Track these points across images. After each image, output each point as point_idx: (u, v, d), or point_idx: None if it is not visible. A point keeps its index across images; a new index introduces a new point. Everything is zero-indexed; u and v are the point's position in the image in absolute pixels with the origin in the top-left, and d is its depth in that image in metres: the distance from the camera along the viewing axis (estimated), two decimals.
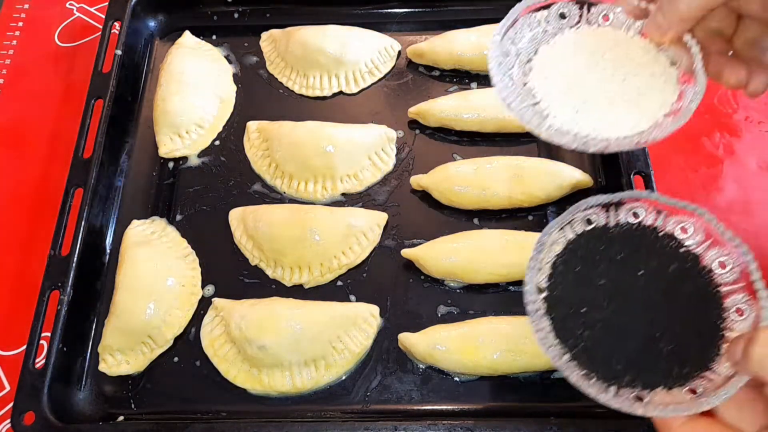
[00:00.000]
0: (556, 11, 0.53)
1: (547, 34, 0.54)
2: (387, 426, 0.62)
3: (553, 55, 0.53)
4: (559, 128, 0.50)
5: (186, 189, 0.80)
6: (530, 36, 0.54)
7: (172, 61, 0.85)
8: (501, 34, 0.52)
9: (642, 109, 0.49)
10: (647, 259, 0.47)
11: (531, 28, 0.54)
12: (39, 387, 0.64)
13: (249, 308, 0.69)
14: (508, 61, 0.53)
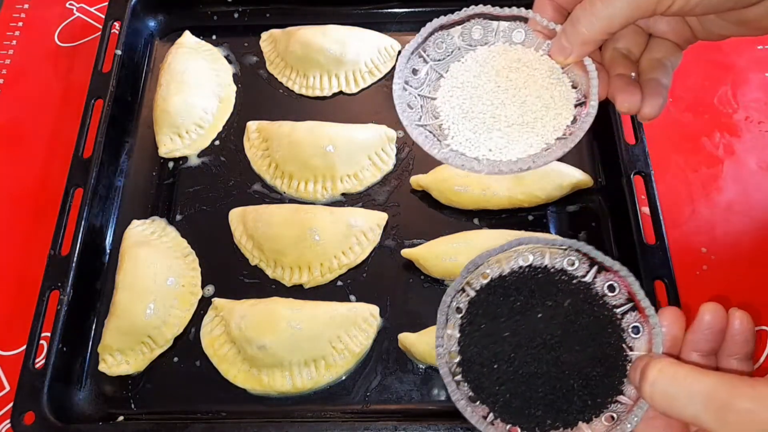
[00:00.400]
0: (470, 27, 0.54)
1: (460, 51, 0.54)
2: (387, 426, 0.62)
3: (462, 73, 0.53)
4: (455, 150, 0.50)
5: (186, 189, 0.80)
6: (443, 52, 0.54)
7: (172, 61, 0.85)
8: (411, 50, 0.53)
9: (536, 131, 0.50)
10: (543, 300, 0.47)
11: (445, 44, 0.54)
12: (39, 387, 0.64)
13: (249, 308, 0.69)
14: (418, 79, 0.53)
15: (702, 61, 0.87)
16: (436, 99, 0.53)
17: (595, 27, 0.45)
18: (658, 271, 0.67)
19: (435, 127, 0.52)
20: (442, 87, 0.53)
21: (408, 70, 0.53)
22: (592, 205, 0.76)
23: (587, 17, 0.45)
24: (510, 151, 0.49)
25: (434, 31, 0.53)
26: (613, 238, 0.74)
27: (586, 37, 0.46)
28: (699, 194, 0.78)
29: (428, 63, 0.53)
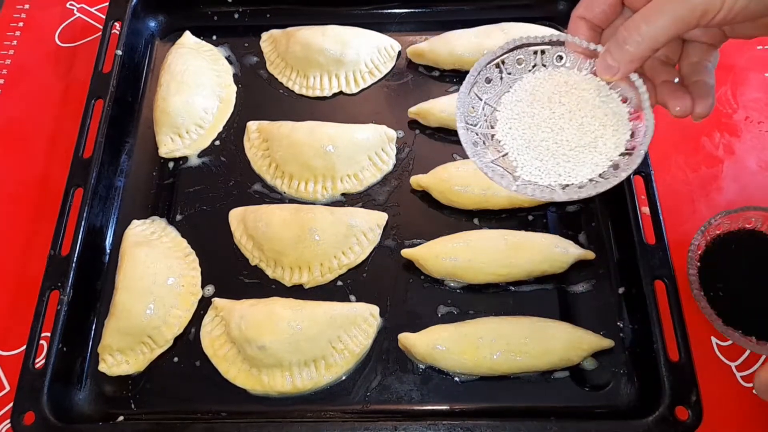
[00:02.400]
0: (513, 58, 0.55)
1: (507, 82, 0.56)
2: (387, 426, 0.62)
3: (514, 103, 0.55)
4: (526, 180, 0.52)
5: (186, 189, 0.80)
6: (492, 87, 0.56)
7: (173, 61, 0.85)
8: (466, 91, 0.54)
9: (599, 150, 0.51)
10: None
11: (493, 79, 0.55)
12: (39, 387, 0.64)
13: (249, 308, 0.69)
14: (476, 116, 0.55)
15: None
16: (495, 133, 0.54)
17: (641, 46, 0.47)
18: (658, 270, 0.67)
19: (502, 160, 0.53)
20: (499, 120, 0.54)
21: (467, 107, 0.54)
22: (592, 205, 0.76)
23: (633, 36, 0.47)
24: (579, 174, 0.51)
25: (482, 69, 0.55)
26: (613, 238, 0.74)
27: (632, 56, 0.48)
28: (699, 194, 0.78)
29: (482, 100, 0.55)
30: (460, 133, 0.53)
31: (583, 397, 0.66)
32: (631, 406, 0.65)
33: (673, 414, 0.60)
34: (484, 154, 0.53)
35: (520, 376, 0.67)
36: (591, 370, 0.67)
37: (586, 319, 0.69)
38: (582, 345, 0.66)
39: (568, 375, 0.67)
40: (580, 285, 0.72)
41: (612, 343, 0.67)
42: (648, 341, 0.64)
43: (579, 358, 0.66)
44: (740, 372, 0.68)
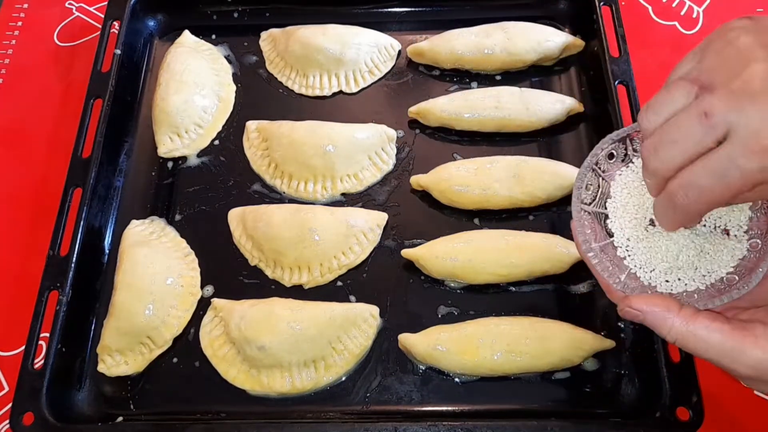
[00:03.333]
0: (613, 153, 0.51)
1: (611, 175, 0.51)
2: (387, 427, 0.62)
3: (631, 183, 0.50)
4: (633, 272, 0.48)
5: (185, 189, 0.80)
6: (614, 164, 0.51)
7: (172, 61, 0.85)
8: (588, 166, 0.51)
9: (710, 261, 0.47)
10: None
11: (616, 155, 0.51)
12: (38, 387, 0.64)
13: (248, 308, 0.69)
14: (584, 216, 0.51)
15: None
16: (607, 213, 0.50)
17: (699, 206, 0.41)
18: None
19: (610, 247, 0.50)
20: (612, 199, 0.50)
21: (583, 183, 0.51)
22: None
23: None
24: (687, 283, 0.47)
25: (610, 144, 0.51)
26: None
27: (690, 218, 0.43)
28: None
29: (599, 176, 0.51)
30: (574, 212, 0.50)
31: (583, 398, 0.66)
32: (632, 406, 0.65)
33: (674, 414, 0.60)
34: (592, 237, 0.49)
35: (521, 377, 0.67)
36: (592, 370, 0.67)
37: (587, 319, 0.69)
38: (583, 345, 0.66)
39: (568, 375, 0.67)
40: (581, 285, 0.71)
41: (613, 344, 0.67)
42: (649, 342, 0.64)
43: (580, 359, 0.66)
44: None
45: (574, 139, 0.81)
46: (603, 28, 0.81)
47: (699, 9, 0.92)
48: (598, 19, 0.82)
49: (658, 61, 0.87)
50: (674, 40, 0.89)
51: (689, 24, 0.90)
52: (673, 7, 0.92)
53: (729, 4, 0.91)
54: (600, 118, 0.79)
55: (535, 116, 0.79)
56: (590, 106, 0.82)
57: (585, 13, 0.84)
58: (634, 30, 0.87)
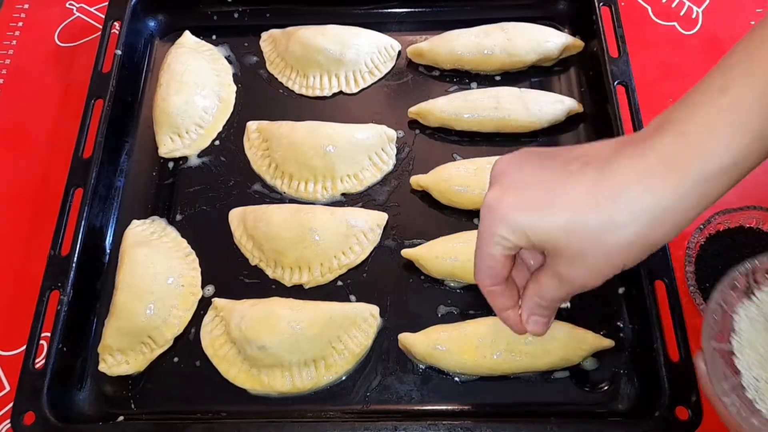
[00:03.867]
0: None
1: (732, 307, 0.49)
2: (387, 426, 0.62)
3: (749, 334, 0.48)
4: (765, 419, 0.45)
5: (186, 189, 0.80)
6: (721, 318, 0.49)
7: (172, 61, 0.85)
8: (709, 333, 0.48)
9: None
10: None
11: (721, 309, 0.49)
12: (39, 387, 0.64)
13: (249, 308, 0.69)
14: (715, 354, 0.48)
15: (702, 61, 0.87)
16: (734, 356, 0.48)
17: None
18: (658, 271, 0.67)
19: (738, 386, 0.47)
20: (735, 348, 0.48)
21: (712, 324, 0.48)
22: None
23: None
24: None
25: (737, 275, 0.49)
26: None
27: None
28: None
29: (722, 308, 0.49)
30: (706, 350, 0.47)
31: (583, 397, 0.66)
32: (631, 406, 0.65)
33: (673, 414, 0.60)
34: (721, 372, 0.47)
35: (520, 376, 0.67)
36: (591, 370, 0.67)
37: (587, 319, 0.69)
38: (582, 345, 0.66)
39: (568, 375, 0.67)
40: None
41: (612, 343, 0.67)
42: (648, 341, 0.64)
43: (579, 358, 0.66)
44: None
45: (573, 139, 0.81)
46: (602, 29, 0.81)
47: (698, 9, 0.92)
48: (598, 19, 0.82)
49: (657, 61, 0.87)
50: (674, 40, 0.89)
51: (689, 24, 0.91)
52: (673, 7, 0.92)
53: (728, 5, 0.92)
54: (599, 119, 0.80)
55: (535, 116, 0.79)
56: (590, 106, 0.82)
57: (584, 14, 0.85)
58: (633, 30, 0.87)
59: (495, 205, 0.45)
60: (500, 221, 0.44)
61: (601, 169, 0.42)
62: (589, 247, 0.42)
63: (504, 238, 0.44)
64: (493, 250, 0.46)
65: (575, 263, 0.44)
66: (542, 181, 0.44)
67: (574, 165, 0.44)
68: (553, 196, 0.43)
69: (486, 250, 0.46)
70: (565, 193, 0.43)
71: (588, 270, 0.44)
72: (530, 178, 0.45)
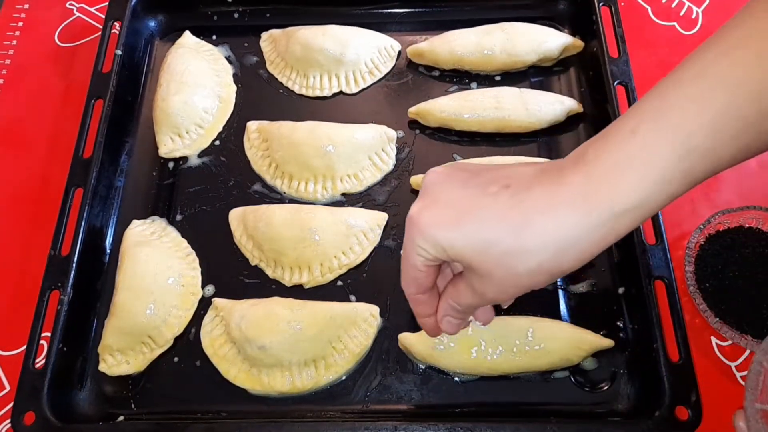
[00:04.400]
0: None
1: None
2: (387, 426, 0.62)
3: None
4: None
5: (186, 189, 0.80)
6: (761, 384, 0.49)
7: (172, 62, 0.85)
8: (753, 395, 0.48)
9: None
10: None
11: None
12: (39, 387, 0.64)
13: (249, 308, 0.69)
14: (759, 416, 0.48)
15: None
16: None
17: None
18: (657, 270, 0.67)
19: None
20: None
21: (756, 388, 0.48)
22: None
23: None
24: None
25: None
26: None
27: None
28: (698, 194, 0.78)
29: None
30: (749, 416, 0.47)
31: (583, 397, 0.66)
32: (630, 406, 0.65)
33: (672, 414, 0.60)
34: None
35: (520, 376, 0.67)
36: (591, 370, 0.67)
37: (586, 319, 0.69)
38: (582, 345, 0.66)
39: (568, 375, 0.67)
40: (580, 285, 0.72)
41: (612, 343, 0.67)
42: (648, 341, 0.64)
43: (579, 358, 0.66)
44: (740, 372, 0.68)
45: (573, 139, 0.81)
46: (602, 29, 0.81)
47: (698, 9, 0.92)
48: (598, 19, 0.82)
49: (657, 61, 0.87)
50: (673, 40, 0.89)
51: (688, 24, 0.91)
52: (673, 7, 0.92)
53: (728, 5, 0.92)
54: (599, 119, 0.80)
55: (535, 117, 0.79)
56: (590, 106, 0.82)
57: (584, 14, 0.85)
58: (633, 30, 0.87)
59: (415, 218, 0.46)
60: (419, 234, 0.46)
61: (517, 195, 0.44)
62: (497, 269, 0.44)
63: (424, 249, 0.46)
64: (415, 261, 0.47)
65: (486, 281, 0.45)
66: (461, 199, 0.46)
67: (494, 187, 0.45)
68: (467, 216, 0.44)
69: (409, 260, 0.48)
70: (480, 213, 0.44)
71: (497, 288, 0.46)
72: (452, 195, 0.46)
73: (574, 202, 0.43)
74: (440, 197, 0.47)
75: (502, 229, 0.43)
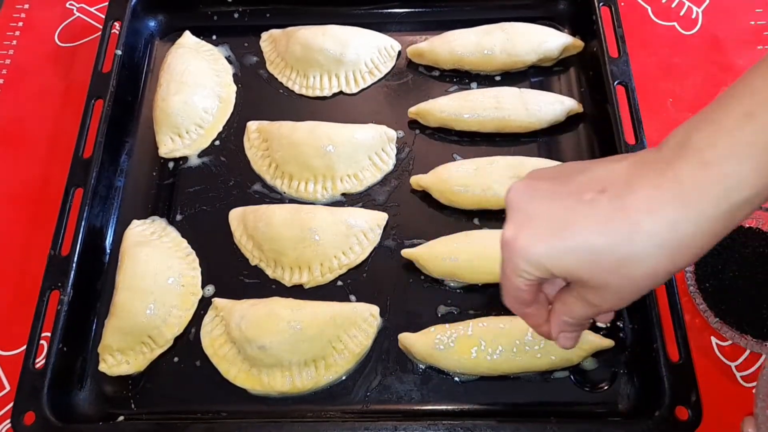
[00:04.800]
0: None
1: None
2: (387, 426, 0.62)
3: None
4: None
5: (186, 189, 0.80)
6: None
7: (172, 61, 0.85)
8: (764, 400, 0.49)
9: None
10: None
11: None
12: (39, 387, 0.64)
13: (249, 308, 0.69)
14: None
15: (702, 61, 0.87)
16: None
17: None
18: None
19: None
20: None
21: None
22: None
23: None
24: None
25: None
26: None
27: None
28: None
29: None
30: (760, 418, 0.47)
31: (583, 397, 0.66)
32: (630, 406, 0.65)
33: (672, 414, 0.60)
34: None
35: (520, 376, 0.67)
36: (591, 370, 0.67)
37: None
38: (582, 345, 0.66)
39: (568, 375, 0.67)
40: None
41: (612, 343, 0.67)
42: (648, 341, 0.64)
43: (579, 358, 0.66)
44: (740, 372, 0.68)
45: (573, 139, 0.81)
46: (602, 29, 0.81)
47: (698, 9, 0.92)
48: (598, 19, 0.82)
49: (657, 61, 0.87)
50: (673, 40, 0.89)
51: (688, 24, 0.91)
52: (673, 7, 0.92)
53: (728, 5, 0.92)
54: (599, 119, 0.80)
55: (535, 117, 0.79)
56: (590, 106, 0.82)
57: (584, 14, 0.85)
58: (633, 30, 0.87)
59: (511, 241, 0.44)
60: (519, 257, 0.43)
61: (618, 199, 0.41)
62: (612, 279, 0.42)
63: (526, 271, 0.44)
64: (517, 283, 0.45)
65: (601, 292, 0.43)
66: (555, 212, 0.43)
67: (588, 194, 0.42)
68: (567, 230, 0.42)
69: (512, 282, 0.46)
70: (581, 225, 0.41)
71: (615, 296, 0.43)
72: (544, 210, 0.43)
73: (686, 196, 0.39)
74: (532, 215, 0.44)
75: (609, 238, 0.40)
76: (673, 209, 0.39)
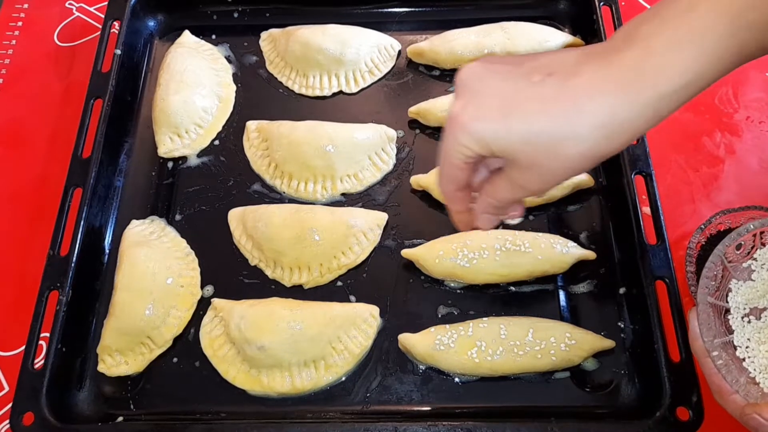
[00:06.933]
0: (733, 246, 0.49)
1: (735, 267, 0.50)
2: (387, 427, 0.62)
3: (746, 293, 0.49)
4: (752, 378, 0.46)
5: (185, 189, 0.80)
6: (721, 274, 0.50)
7: (172, 61, 0.85)
8: (706, 285, 0.49)
9: None
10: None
11: (744, 244, 0.50)
12: (38, 387, 0.64)
13: (248, 308, 0.69)
14: (709, 309, 0.49)
15: None
16: (729, 314, 0.48)
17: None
18: (658, 271, 0.67)
19: (729, 344, 0.47)
20: (732, 292, 0.49)
21: (710, 278, 0.49)
22: (593, 205, 0.76)
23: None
24: None
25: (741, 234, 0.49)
26: (614, 238, 0.74)
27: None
28: (700, 194, 0.78)
29: (724, 266, 0.50)
30: (700, 303, 0.47)
31: (583, 398, 0.66)
32: (632, 406, 0.65)
33: (674, 414, 0.60)
34: (711, 335, 0.47)
35: (521, 377, 0.67)
36: (592, 370, 0.67)
37: (587, 319, 0.69)
38: (583, 345, 0.66)
39: (568, 375, 0.67)
40: (580, 285, 0.71)
41: (613, 344, 0.67)
42: (649, 342, 0.64)
43: (580, 359, 0.66)
44: None
45: None
46: (603, 28, 0.81)
47: None
48: (598, 19, 0.82)
49: None
50: None
51: None
52: None
53: None
54: None
55: None
56: None
57: (585, 13, 0.84)
58: None
59: (458, 115, 0.46)
60: (463, 132, 0.45)
61: (563, 82, 0.43)
62: (544, 158, 0.44)
63: (466, 147, 0.46)
64: (456, 159, 0.47)
65: (528, 172, 0.45)
66: (504, 91, 0.45)
67: (537, 76, 0.44)
68: (514, 107, 0.44)
69: (450, 159, 0.48)
70: (526, 104, 0.44)
71: (540, 178, 0.46)
72: (493, 88, 0.45)
73: (625, 81, 0.42)
74: (481, 91, 0.46)
75: (551, 117, 0.43)
76: (614, 94, 0.42)
